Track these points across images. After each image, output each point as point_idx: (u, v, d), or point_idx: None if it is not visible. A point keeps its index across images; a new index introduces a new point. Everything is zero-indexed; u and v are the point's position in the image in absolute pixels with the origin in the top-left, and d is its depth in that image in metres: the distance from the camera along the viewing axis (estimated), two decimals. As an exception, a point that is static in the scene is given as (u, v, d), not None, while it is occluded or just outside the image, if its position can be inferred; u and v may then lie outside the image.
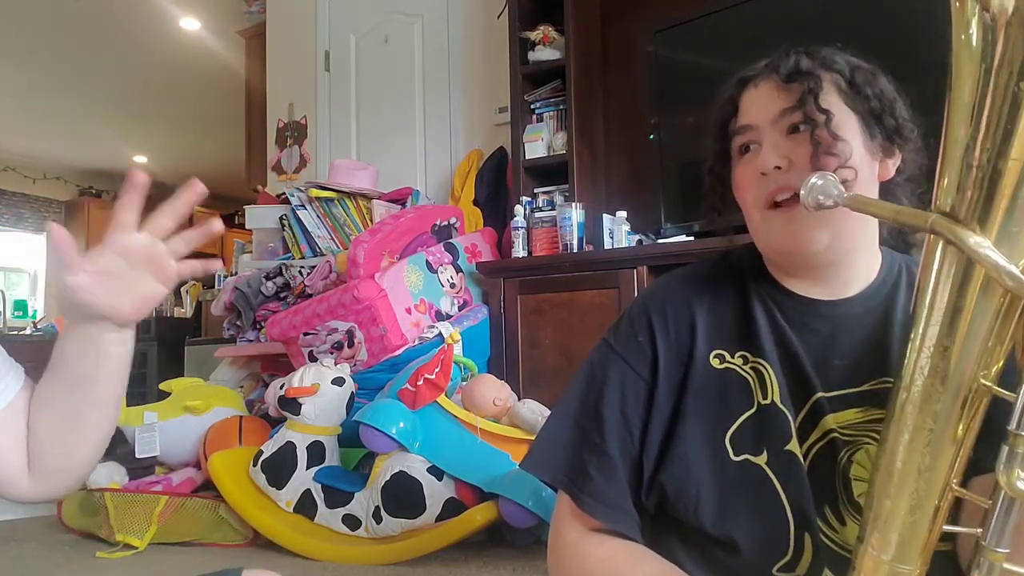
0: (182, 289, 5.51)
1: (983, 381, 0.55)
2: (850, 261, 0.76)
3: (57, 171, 7.88)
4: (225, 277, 4.17)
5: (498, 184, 3.13)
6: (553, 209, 2.69)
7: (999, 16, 0.50)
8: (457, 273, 2.77)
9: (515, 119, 2.86)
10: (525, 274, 2.61)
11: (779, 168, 0.72)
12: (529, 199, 2.80)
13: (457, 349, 2.42)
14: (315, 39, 3.88)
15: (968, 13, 0.51)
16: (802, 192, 0.60)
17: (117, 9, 4.83)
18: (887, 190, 0.76)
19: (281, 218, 3.29)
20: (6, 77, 5.68)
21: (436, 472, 1.97)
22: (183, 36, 5.28)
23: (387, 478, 1.96)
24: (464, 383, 2.27)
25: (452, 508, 1.94)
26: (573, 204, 2.59)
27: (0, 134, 6.84)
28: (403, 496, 1.95)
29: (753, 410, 0.74)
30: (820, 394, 0.73)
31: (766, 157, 0.73)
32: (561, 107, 2.83)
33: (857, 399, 0.72)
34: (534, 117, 2.90)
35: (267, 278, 3.05)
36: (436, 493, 1.95)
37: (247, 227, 3.62)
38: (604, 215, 2.62)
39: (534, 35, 2.81)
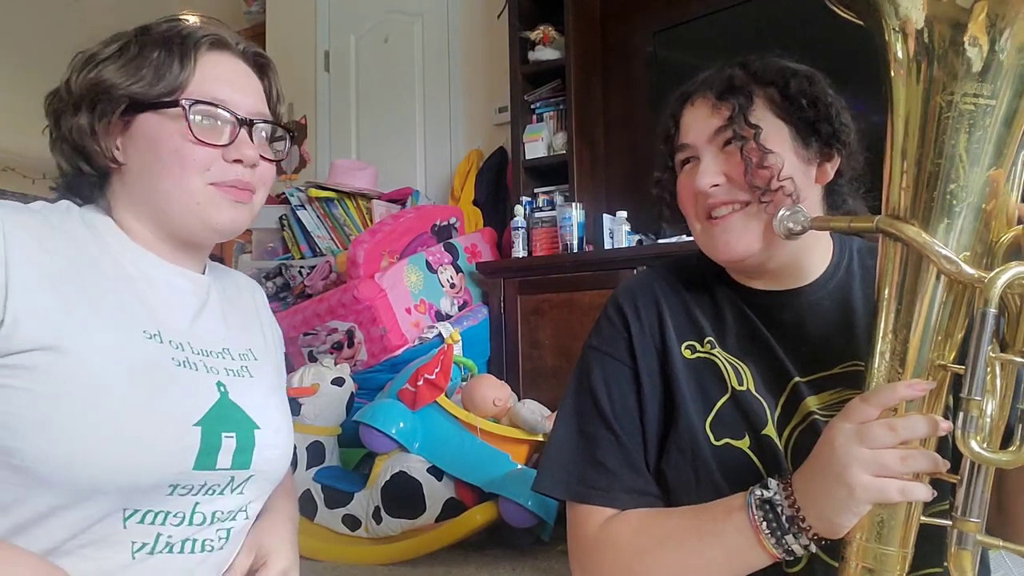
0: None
1: (938, 362, 0.60)
2: (799, 259, 0.80)
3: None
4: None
5: (498, 184, 3.12)
6: (553, 209, 2.69)
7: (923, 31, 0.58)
8: (457, 273, 2.77)
9: (515, 119, 2.86)
10: (525, 274, 2.61)
11: (716, 186, 0.77)
12: (529, 199, 2.80)
13: (457, 349, 2.42)
14: (315, 39, 3.88)
15: (895, 45, 0.60)
16: (774, 224, 0.68)
17: (117, 8, 4.83)
18: (831, 191, 0.81)
19: (281, 218, 3.29)
20: (5, 76, 5.68)
21: (436, 472, 1.97)
22: (183, 36, 5.28)
23: (387, 478, 1.96)
24: (464, 383, 2.27)
25: (452, 508, 1.94)
26: (573, 204, 2.59)
27: (0, 134, 6.82)
28: (403, 496, 1.95)
29: (727, 396, 0.77)
30: (797, 379, 0.77)
31: (702, 177, 0.78)
32: (561, 107, 2.82)
33: (831, 381, 0.76)
34: (534, 117, 2.90)
35: (267, 278, 3.05)
36: (436, 493, 1.95)
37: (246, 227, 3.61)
38: (604, 215, 2.62)
39: (534, 35, 2.81)
